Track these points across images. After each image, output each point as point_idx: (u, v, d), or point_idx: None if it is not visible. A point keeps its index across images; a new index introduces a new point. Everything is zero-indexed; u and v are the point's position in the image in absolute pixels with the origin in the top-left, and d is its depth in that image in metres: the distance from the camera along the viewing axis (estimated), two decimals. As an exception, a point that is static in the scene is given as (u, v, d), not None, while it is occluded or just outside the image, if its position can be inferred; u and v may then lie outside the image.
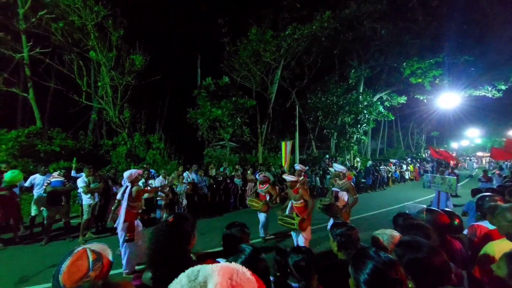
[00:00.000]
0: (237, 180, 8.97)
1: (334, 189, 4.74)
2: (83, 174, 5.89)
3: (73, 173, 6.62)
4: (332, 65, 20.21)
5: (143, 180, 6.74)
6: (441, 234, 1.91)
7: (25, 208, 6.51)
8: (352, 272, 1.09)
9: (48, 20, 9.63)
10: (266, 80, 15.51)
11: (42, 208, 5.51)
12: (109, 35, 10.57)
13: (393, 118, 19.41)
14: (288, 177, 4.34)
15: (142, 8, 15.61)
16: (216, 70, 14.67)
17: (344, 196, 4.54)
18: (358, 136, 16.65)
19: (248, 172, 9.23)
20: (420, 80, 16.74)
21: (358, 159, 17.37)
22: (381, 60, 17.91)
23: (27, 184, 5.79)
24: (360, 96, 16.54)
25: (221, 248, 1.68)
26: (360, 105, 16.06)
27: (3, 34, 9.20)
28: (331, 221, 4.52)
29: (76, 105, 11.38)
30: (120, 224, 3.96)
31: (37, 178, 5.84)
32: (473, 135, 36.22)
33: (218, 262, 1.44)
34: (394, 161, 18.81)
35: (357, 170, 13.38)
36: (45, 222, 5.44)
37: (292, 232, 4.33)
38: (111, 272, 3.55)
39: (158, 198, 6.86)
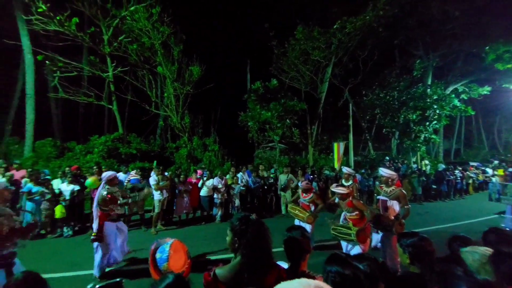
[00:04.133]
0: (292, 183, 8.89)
1: (380, 197, 4.08)
2: (153, 174, 6.77)
3: (152, 173, 7.14)
4: (392, 57, 18.29)
5: (201, 181, 7.35)
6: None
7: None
8: None
9: (125, 43, 11.45)
10: (315, 79, 15.04)
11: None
12: (171, 50, 11.94)
13: (473, 113, 16.26)
14: (337, 190, 3.95)
15: (197, 23, 17.15)
16: (265, 74, 14.98)
17: (394, 205, 3.93)
18: (426, 135, 14.50)
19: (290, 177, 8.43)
20: (509, 65, 13.66)
21: (426, 162, 15.16)
22: (455, 46, 15.31)
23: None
24: (428, 89, 14.38)
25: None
26: (428, 100, 13.96)
27: (93, 57, 11.34)
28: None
29: (147, 114, 13.24)
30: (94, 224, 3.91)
31: (120, 176, 6.98)
32: None
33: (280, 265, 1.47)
34: (475, 164, 15.78)
35: (426, 175, 11.67)
36: (126, 213, 6.46)
37: (342, 242, 4.00)
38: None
39: (215, 197, 7.36)
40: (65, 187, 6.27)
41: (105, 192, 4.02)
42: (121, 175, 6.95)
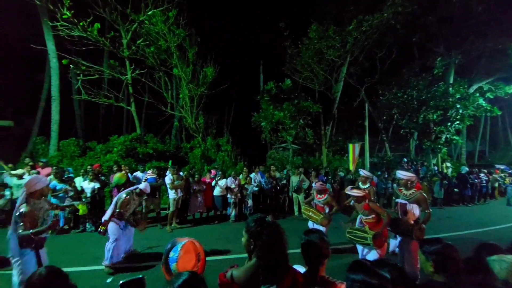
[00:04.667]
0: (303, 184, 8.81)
1: (399, 201, 3.89)
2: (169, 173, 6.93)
3: (167, 172, 7.39)
4: (411, 54, 17.62)
5: (215, 180, 7.45)
6: None
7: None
8: None
9: (143, 46, 11.80)
10: (330, 79, 14.77)
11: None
12: (186, 53, 12.18)
13: (499, 113, 15.31)
14: (353, 193, 3.81)
15: (211, 25, 17.38)
16: (278, 74, 14.92)
17: (414, 209, 3.73)
18: (448, 136, 13.82)
19: (301, 177, 8.19)
20: (539, 62, 12.77)
21: (448, 164, 14.46)
22: (478, 42, 14.48)
23: (131, 179, 7.21)
24: (450, 88, 13.69)
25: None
26: (450, 99, 13.31)
27: (113, 61, 11.77)
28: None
29: (163, 114, 13.57)
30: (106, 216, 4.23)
31: (137, 174, 7.22)
32: None
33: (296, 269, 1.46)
34: (502, 167, 14.87)
35: (448, 178, 11.10)
36: (143, 211, 6.66)
37: (358, 246, 3.89)
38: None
39: (228, 196, 7.42)
40: (86, 185, 6.56)
41: (124, 195, 4.23)
42: (138, 174, 7.20)
